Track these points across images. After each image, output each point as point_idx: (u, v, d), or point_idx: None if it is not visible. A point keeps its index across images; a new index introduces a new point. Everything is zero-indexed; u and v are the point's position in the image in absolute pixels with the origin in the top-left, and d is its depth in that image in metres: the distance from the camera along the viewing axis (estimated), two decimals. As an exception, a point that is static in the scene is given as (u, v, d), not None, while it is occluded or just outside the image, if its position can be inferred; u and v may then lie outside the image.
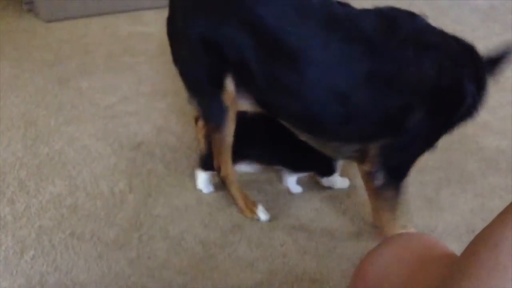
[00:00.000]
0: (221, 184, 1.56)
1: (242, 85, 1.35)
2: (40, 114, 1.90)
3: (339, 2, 1.31)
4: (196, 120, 1.71)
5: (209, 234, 1.46)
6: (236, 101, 1.38)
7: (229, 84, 1.35)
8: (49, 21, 2.63)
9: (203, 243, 1.42)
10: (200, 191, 1.60)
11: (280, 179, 1.66)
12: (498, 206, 1.58)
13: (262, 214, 1.52)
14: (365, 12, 1.30)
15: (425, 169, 1.81)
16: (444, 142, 1.95)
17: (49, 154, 1.70)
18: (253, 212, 1.52)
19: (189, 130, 1.89)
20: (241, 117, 1.44)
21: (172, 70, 1.71)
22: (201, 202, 1.57)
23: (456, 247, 0.74)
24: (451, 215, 1.61)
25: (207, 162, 1.54)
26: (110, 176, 1.63)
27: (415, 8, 3.03)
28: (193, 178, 1.66)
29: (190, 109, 1.99)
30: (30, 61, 2.25)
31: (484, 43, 2.96)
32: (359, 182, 1.70)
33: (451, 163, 1.85)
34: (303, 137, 1.43)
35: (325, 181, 1.66)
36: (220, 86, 1.35)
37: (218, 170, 1.49)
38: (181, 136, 1.85)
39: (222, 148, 1.45)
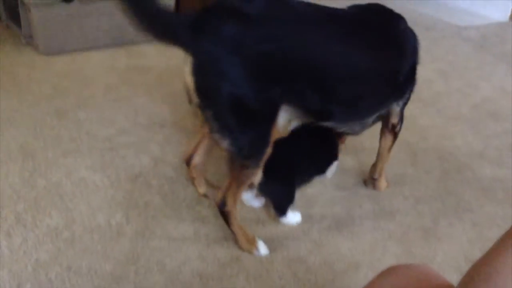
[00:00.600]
0: (218, 215, 1.55)
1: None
2: (38, 147, 1.90)
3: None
4: (188, 162, 1.70)
5: (206, 267, 1.45)
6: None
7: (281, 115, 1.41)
8: (48, 54, 2.66)
9: (201, 276, 1.41)
10: (200, 222, 1.60)
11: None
12: (496, 235, 1.57)
13: (262, 249, 1.51)
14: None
15: (422, 199, 1.82)
16: (441, 172, 1.97)
17: (46, 186, 1.70)
18: (253, 246, 1.51)
19: (186, 162, 1.90)
20: None
21: (169, 102, 1.73)
22: (198, 234, 1.56)
23: (455, 278, 0.74)
24: (449, 245, 1.61)
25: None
26: (107, 208, 1.63)
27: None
28: (190, 209, 1.65)
29: (187, 140, 2.01)
30: (28, 94, 2.27)
31: (478, 73, 3.02)
32: (357, 212, 1.71)
33: (448, 193, 1.86)
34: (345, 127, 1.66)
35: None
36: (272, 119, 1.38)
37: (222, 205, 1.46)
38: (178, 167, 1.86)
39: (244, 184, 1.45)
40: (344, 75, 1.44)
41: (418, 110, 2.46)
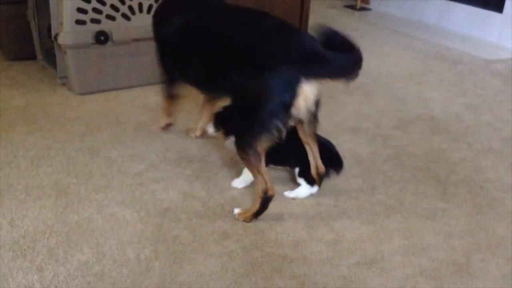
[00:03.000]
0: (245, 249, 1.55)
1: None
2: (71, 183, 1.95)
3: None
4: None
5: (234, 301, 1.44)
6: None
7: None
8: (82, 94, 2.76)
9: (228, 311, 1.40)
10: (227, 257, 1.60)
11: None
12: (532, 271, 1.53)
13: None
14: None
15: (453, 234, 1.78)
16: (472, 206, 1.94)
17: (78, 221, 1.74)
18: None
19: (214, 196, 1.91)
20: None
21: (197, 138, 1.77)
22: (226, 268, 1.56)
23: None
24: (482, 281, 1.56)
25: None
26: (137, 243, 1.65)
27: (437, 73, 3.10)
28: (218, 243, 1.66)
29: (215, 174, 2.03)
30: (62, 132, 2.35)
31: (507, 107, 2.99)
32: (387, 247, 1.68)
33: (480, 228, 1.82)
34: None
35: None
36: None
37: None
38: (206, 201, 1.88)
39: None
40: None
41: (448, 144, 2.43)
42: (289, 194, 1.96)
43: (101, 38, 2.68)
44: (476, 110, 2.86)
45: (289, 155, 1.96)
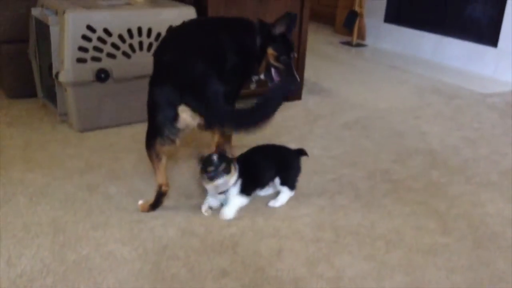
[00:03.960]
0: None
1: None
2: (69, 220, 1.95)
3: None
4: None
5: None
6: None
7: None
8: (82, 131, 2.78)
9: None
10: None
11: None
12: (535, 307, 1.51)
13: None
14: None
15: (455, 270, 1.76)
16: (473, 240, 1.92)
17: (75, 260, 1.72)
18: None
19: (212, 232, 1.90)
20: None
21: (196, 173, 1.77)
22: (225, 307, 1.54)
23: None
24: (486, 318, 1.54)
25: None
26: (135, 281, 1.63)
27: (434, 107, 3.14)
28: (216, 281, 1.64)
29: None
30: (62, 169, 2.35)
31: (505, 140, 3.00)
32: (388, 284, 1.66)
33: (482, 263, 1.80)
34: None
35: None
36: None
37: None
38: (204, 238, 1.86)
39: None
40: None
41: (447, 178, 2.43)
42: (274, 204, 2.10)
43: (102, 75, 2.72)
44: (473, 143, 2.88)
45: (266, 175, 2.09)
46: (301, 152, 2.19)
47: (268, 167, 2.09)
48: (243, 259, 1.76)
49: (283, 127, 2.96)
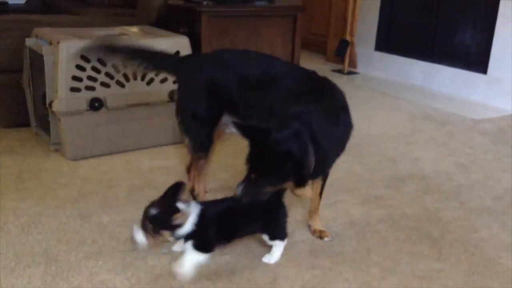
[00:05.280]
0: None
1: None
2: (61, 250, 1.92)
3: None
4: (188, 169, 2.28)
5: None
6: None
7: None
8: (75, 159, 2.77)
9: None
10: None
11: None
12: (533, 333, 1.49)
13: None
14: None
15: (451, 295, 1.75)
16: (468, 266, 1.92)
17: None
18: None
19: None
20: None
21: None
22: (220, 337, 1.52)
23: None
24: None
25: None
26: (128, 311, 1.61)
27: (426, 133, 3.16)
28: (211, 311, 1.62)
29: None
30: (54, 198, 2.33)
31: (497, 165, 3.02)
32: None
33: (478, 288, 1.79)
34: None
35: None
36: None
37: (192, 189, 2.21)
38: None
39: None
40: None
41: (440, 203, 2.44)
42: (270, 260, 1.89)
43: (96, 104, 2.73)
44: (466, 169, 2.89)
45: (250, 222, 1.85)
46: (281, 196, 1.86)
47: (246, 220, 1.83)
48: (238, 287, 1.74)
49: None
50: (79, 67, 2.66)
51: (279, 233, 1.87)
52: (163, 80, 2.90)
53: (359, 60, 5.48)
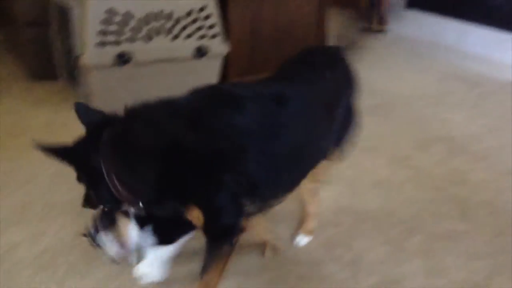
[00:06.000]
0: None
1: None
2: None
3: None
4: None
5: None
6: None
7: None
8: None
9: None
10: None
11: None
12: (557, 295, 1.49)
13: None
14: None
15: (474, 256, 1.75)
16: (494, 227, 1.90)
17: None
18: None
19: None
20: None
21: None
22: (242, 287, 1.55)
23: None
24: (506, 304, 1.53)
25: None
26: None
27: (457, 94, 3.04)
28: (234, 263, 1.65)
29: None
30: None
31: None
32: (406, 268, 1.65)
33: (502, 249, 1.78)
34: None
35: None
36: None
37: None
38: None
39: None
40: None
41: (468, 165, 2.40)
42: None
43: (122, 59, 2.73)
44: (496, 131, 2.83)
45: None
46: None
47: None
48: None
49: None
50: (106, 21, 2.65)
51: None
52: (189, 36, 2.88)
53: (390, 18, 5.33)
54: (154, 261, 1.47)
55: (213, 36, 2.88)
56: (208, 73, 2.99)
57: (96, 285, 1.53)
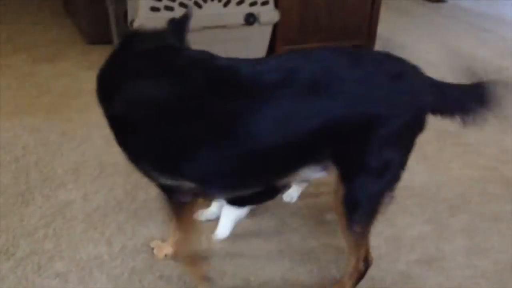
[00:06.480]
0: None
1: None
2: (140, 163, 2.04)
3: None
4: None
5: (290, 288, 1.47)
6: None
7: None
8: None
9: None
10: (285, 243, 1.62)
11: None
12: None
13: None
14: None
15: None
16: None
17: (146, 200, 1.82)
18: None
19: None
20: None
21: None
22: (283, 254, 1.60)
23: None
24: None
25: None
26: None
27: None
28: (276, 231, 1.69)
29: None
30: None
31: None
32: (448, 247, 1.64)
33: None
34: None
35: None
36: None
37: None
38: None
39: None
40: None
41: (520, 144, 2.33)
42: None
43: (174, 25, 2.76)
44: (555, 110, 2.71)
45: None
46: None
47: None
48: (300, 210, 1.80)
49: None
50: (159, -14, 2.68)
51: None
52: (240, 2, 2.87)
53: (448, -12, 5.11)
54: (227, 218, 1.63)
55: (264, 3, 2.85)
56: (257, 41, 2.99)
57: (141, 247, 1.61)
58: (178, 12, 2.76)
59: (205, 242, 1.62)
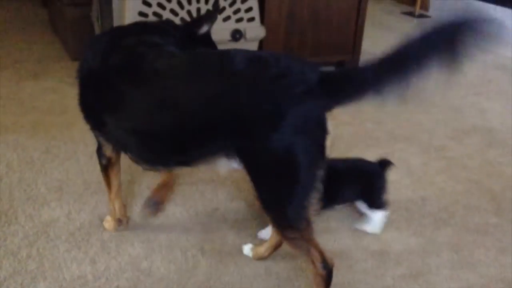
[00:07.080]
0: (288, 254, 1.57)
1: None
2: (126, 180, 2.02)
3: None
4: None
5: (276, 305, 1.46)
6: None
7: None
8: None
9: (270, 314, 1.43)
10: (272, 260, 1.62)
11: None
12: None
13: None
14: None
15: (505, 251, 1.73)
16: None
17: (131, 217, 1.81)
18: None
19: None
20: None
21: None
22: (270, 272, 1.59)
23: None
24: (535, 302, 1.51)
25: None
26: (185, 241, 1.70)
27: (497, 84, 2.98)
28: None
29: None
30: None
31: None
32: (434, 261, 1.64)
33: (535, 246, 1.75)
34: None
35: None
36: None
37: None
38: (252, 203, 1.90)
39: None
40: None
41: (504, 158, 2.35)
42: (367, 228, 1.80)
43: (160, 41, 2.77)
44: (537, 123, 2.75)
45: (346, 189, 1.78)
46: (385, 164, 1.81)
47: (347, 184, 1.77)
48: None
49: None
50: (145, 3, 2.69)
51: (374, 201, 1.78)
52: (226, 19, 2.89)
53: (431, 3, 5.19)
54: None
55: (250, 20, 2.88)
56: (243, 57, 3.00)
57: (125, 265, 1.59)
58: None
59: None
